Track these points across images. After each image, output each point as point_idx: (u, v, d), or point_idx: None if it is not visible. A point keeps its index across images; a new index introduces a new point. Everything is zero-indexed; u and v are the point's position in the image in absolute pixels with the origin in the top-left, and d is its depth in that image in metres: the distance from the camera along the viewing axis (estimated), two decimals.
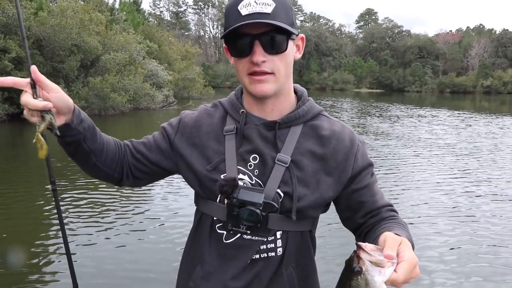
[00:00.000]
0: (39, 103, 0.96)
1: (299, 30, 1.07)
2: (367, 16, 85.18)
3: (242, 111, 1.11)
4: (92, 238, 4.60)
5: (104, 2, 24.28)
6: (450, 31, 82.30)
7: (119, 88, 18.05)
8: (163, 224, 5.09)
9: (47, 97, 0.98)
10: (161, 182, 6.73)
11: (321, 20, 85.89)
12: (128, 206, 5.74)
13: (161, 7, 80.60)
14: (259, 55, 0.98)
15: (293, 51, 1.07)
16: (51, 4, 19.25)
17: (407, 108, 26.57)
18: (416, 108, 26.73)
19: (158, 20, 69.64)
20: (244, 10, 0.97)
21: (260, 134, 1.08)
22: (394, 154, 10.24)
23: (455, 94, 57.44)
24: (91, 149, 1.10)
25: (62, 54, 16.55)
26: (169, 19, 79.84)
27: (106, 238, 4.62)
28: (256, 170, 1.07)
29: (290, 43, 1.03)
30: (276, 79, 1.03)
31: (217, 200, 1.08)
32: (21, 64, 15.03)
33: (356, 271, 0.75)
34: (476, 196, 6.60)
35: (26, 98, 0.96)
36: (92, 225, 4.99)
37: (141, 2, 34.57)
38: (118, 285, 3.69)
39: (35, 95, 0.97)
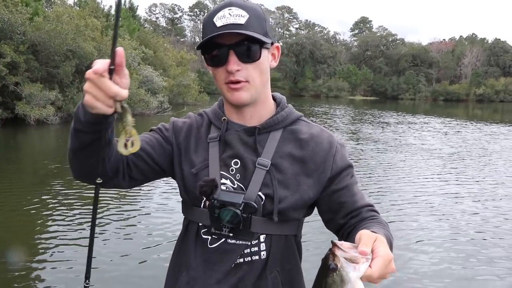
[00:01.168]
0: (126, 93, 0.85)
1: (278, 39, 1.13)
2: (361, 24, 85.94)
3: (224, 119, 1.14)
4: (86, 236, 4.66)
5: (100, 8, 24.41)
6: (444, 39, 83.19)
7: None
8: (154, 225, 5.15)
9: (118, 83, 0.85)
10: (156, 183, 6.80)
11: (316, 27, 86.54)
12: (122, 207, 5.81)
13: (156, 14, 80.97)
14: (234, 64, 1.03)
15: (268, 59, 1.11)
16: (46, 10, 19.33)
17: (399, 116, 26.82)
18: (408, 116, 27.00)
19: (154, 26, 69.87)
20: (218, 21, 1.02)
21: (241, 140, 1.11)
22: (385, 159, 10.37)
23: (448, 102, 57.98)
24: (109, 139, 0.99)
25: (57, 59, 16.60)
26: (164, 25, 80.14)
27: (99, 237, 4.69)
28: (238, 174, 1.10)
29: (264, 52, 1.07)
30: (251, 86, 1.06)
31: (201, 206, 1.11)
32: (16, 69, 15.07)
33: (331, 268, 0.77)
34: (463, 198, 6.75)
35: (117, 89, 0.83)
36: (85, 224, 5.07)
37: (137, 8, 34.77)
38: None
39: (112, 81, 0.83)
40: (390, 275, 0.80)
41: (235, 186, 1.09)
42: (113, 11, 28.70)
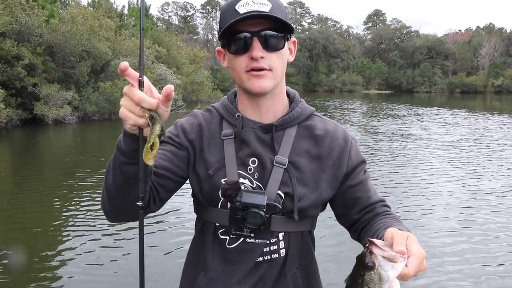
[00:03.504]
0: (154, 101, 0.84)
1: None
2: (375, 17, 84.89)
3: (238, 115, 1.11)
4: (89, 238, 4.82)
5: (113, 8, 24.73)
6: (460, 30, 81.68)
7: None
8: (165, 229, 5.12)
9: (148, 95, 0.87)
10: None
11: (329, 22, 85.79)
12: None
13: (169, 12, 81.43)
14: (258, 50, 1.00)
15: (287, 52, 1.09)
16: (61, 11, 19.69)
17: (414, 109, 26.50)
18: (424, 108, 26.65)
19: (167, 24, 70.31)
20: (242, 9, 0.99)
21: (258, 137, 1.09)
22: (403, 153, 10.33)
23: (465, 94, 56.92)
24: (151, 171, 0.99)
25: (73, 60, 16.93)
26: (177, 23, 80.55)
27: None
28: (256, 173, 1.08)
29: (286, 43, 1.06)
30: (273, 75, 1.04)
31: (219, 206, 1.08)
32: (34, 71, 15.43)
33: (369, 266, 0.75)
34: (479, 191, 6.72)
35: (142, 94, 0.83)
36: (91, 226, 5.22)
37: (149, 7, 35.08)
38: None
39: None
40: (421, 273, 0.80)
41: (254, 185, 1.07)
42: (126, 11, 29.06)
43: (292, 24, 1.05)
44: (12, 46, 14.55)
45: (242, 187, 1.04)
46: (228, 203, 1.04)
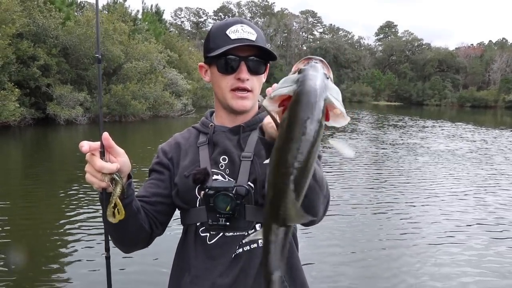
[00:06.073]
0: (113, 166, 0.96)
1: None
2: (386, 29, 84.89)
3: (211, 125, 1.25)
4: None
5: (127, 12, 25.13)
6: (472, 44, 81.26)
7: (139, 95, 18.61)
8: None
9: (113, 161, 0.99)
10: None
11: (340, 32, 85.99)
12: None
13: (182, 18, 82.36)
14: (245, 73, 1.15)
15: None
16: (77, 14, 20.07)
17: (425, 121, 26.42)
18: (433, 121, 26.56)
19: (179, 30, 71.06)
20: (232, 35, 1.15)
21: (227, 138, 1.22)
22: (408, 164, 10.36)
23: (475, 109, 56.52)
24: (137, 207, 1.10)
25: (86, 62, 17.25)
26: (189, 29, 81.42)
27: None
28: (227, 169, 1.18)
29: (266, 69, 1.22)
30: (253, 96, 1.20)
31: (197, 204, 1.17)
32: (48, 71, 15.74)
33: None
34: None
35: (101, 163, 0.96)
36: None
37: (163, 12, 35.52)
38: None
39: (103, 159, 0.97)
40: None
41: (226, 180, 1.17)
42: (139, 15, 29.48)
43: (273, 52, 1.19)
44: (29, 46, 14.90)
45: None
46: (202, 192, 1.12)
